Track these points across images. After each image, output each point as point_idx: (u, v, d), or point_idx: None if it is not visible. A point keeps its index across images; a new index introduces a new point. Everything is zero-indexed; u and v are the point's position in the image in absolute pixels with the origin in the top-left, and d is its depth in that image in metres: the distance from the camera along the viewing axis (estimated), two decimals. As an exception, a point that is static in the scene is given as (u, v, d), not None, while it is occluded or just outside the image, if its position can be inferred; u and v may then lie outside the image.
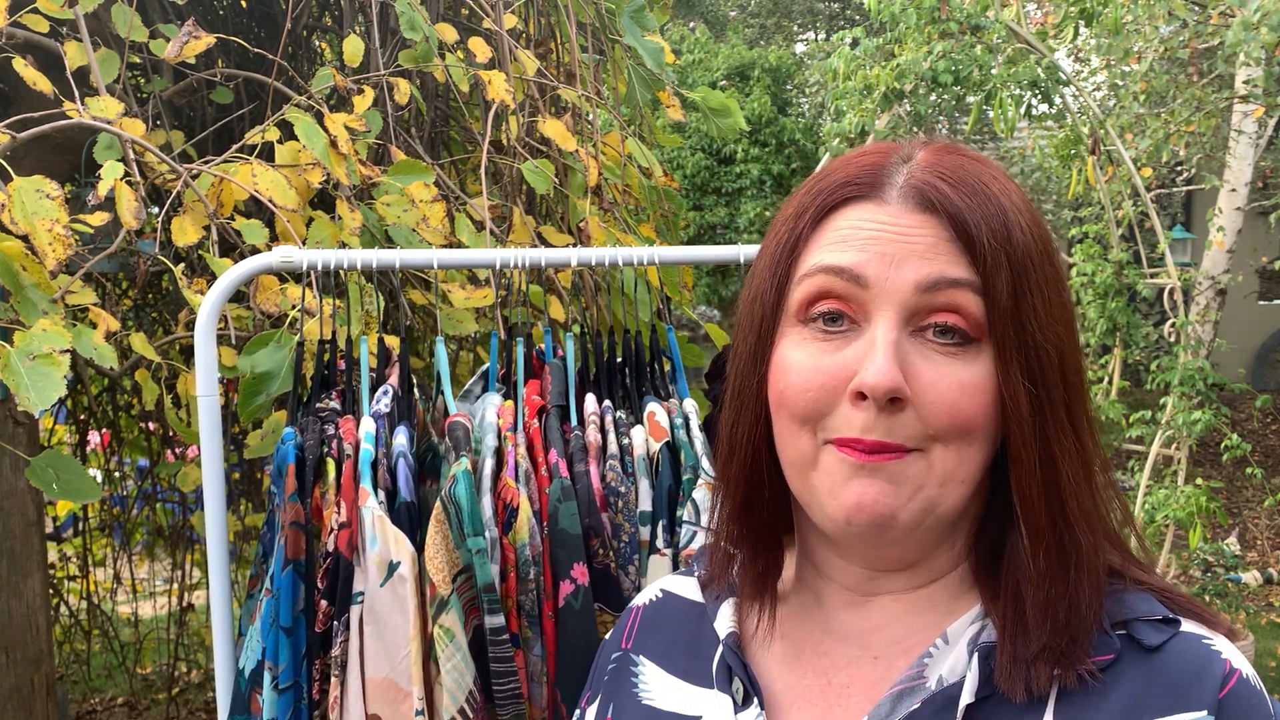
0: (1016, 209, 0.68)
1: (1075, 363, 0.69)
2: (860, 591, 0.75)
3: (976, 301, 0.66)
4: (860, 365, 0.66)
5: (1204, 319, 6.00)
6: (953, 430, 0.66)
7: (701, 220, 9.69)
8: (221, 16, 2.71)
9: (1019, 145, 8.07)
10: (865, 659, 0.73)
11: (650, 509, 1.37)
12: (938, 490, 0.67)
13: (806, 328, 0.69)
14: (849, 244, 0.68)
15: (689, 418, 1.45)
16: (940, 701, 0.67)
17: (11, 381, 1.45)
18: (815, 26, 15.51)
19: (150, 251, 2.02)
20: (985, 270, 0.66)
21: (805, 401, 0.68)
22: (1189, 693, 0.64)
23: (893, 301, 0.66)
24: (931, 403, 0.65)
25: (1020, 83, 3.94)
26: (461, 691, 1.26)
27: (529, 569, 1.31)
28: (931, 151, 0.71)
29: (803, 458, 0.70)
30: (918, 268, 0.66)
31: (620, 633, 0.88)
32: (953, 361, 0.66)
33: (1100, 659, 0.66)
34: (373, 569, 1.27)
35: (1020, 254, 0.67)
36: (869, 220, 0.68)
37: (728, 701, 0.75)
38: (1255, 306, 9.68)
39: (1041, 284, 0.67)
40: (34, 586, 2.59)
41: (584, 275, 2.01)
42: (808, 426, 0.69)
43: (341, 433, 1.37)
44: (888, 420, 0.66)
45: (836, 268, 0.67)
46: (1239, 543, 6.44)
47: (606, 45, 2.54)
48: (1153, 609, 0.68)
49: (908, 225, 0.67)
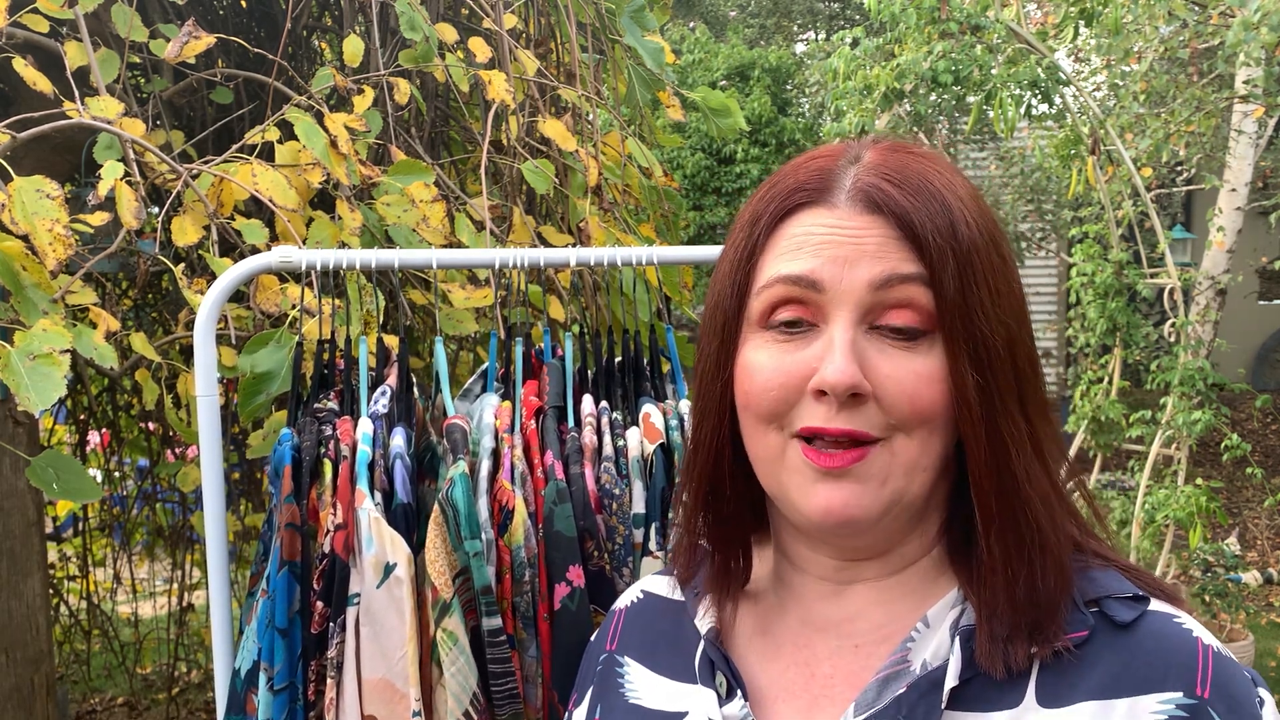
0: (961, 203, 0.70)
1: (1026, 351, 0.71)
2: (835, 581, 0.76)
3: (926, 294, 0.68)
4: (820, 364, 0.69)
5: (1204, 319, 6.00)
6: (914, 419, 0.68)
7: (701, 220, 9.70)
8: (221, 16, 2.71)
9: (1019, 145, 8.07)
10: (846, 648, 0.74)
11: (643, 511, 1.37)
12: (904, 480, 0.69)
13: (768, 331, 0.72)
14: (803, 250, 0.70)
15: (684, 419, 1.45)
16: (925, 685, 0.68)
17: (11, 381, 1.45)
18: (815, 26, 15.51)
19: (150, 251, 2.03)
20: (932, 264, 0.68)
21: (769, 400, 0.71)
22: (1166, 672, 0.66)
23: (848, 302, 0.69)
24: (892, 394, 0.68)
25: (1020, 83, 3.95)
26: (466, 694, 1.26)
27: (524, 571, 1.31)
28: (878, 151, 0.73)
29: (771, 455, 0.72)
30: (870, 267, 0.69)
31: (605, 635, 0.89)
32: (908, 354, 0.69)
33: (1075, 636, 0.68)
34: (369, 570, 1.27)
35: (965, 247, 0.69)
36: (820, 225, 0.71)
37: (711, 695, 0.76)
38: (1255, 306, 9.68)
39: (988, 275, 0.69)
40: (34, 586, 2.59)
41: (583, 275, 2.01)
42: (773, 424, 0.71)
43: (339, 434, 1.37)
44: (849, 414, 0.68)
45: (793, 277, 0.70)
46: (1239, 543, 6.44)
47: (606, 45, 2.54)
48: (1122, 586, 0.70)
49: (857, 227, 0.70)
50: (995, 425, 0.68)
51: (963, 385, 0.68)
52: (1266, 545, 6.79)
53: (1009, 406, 0.69)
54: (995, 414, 0.68)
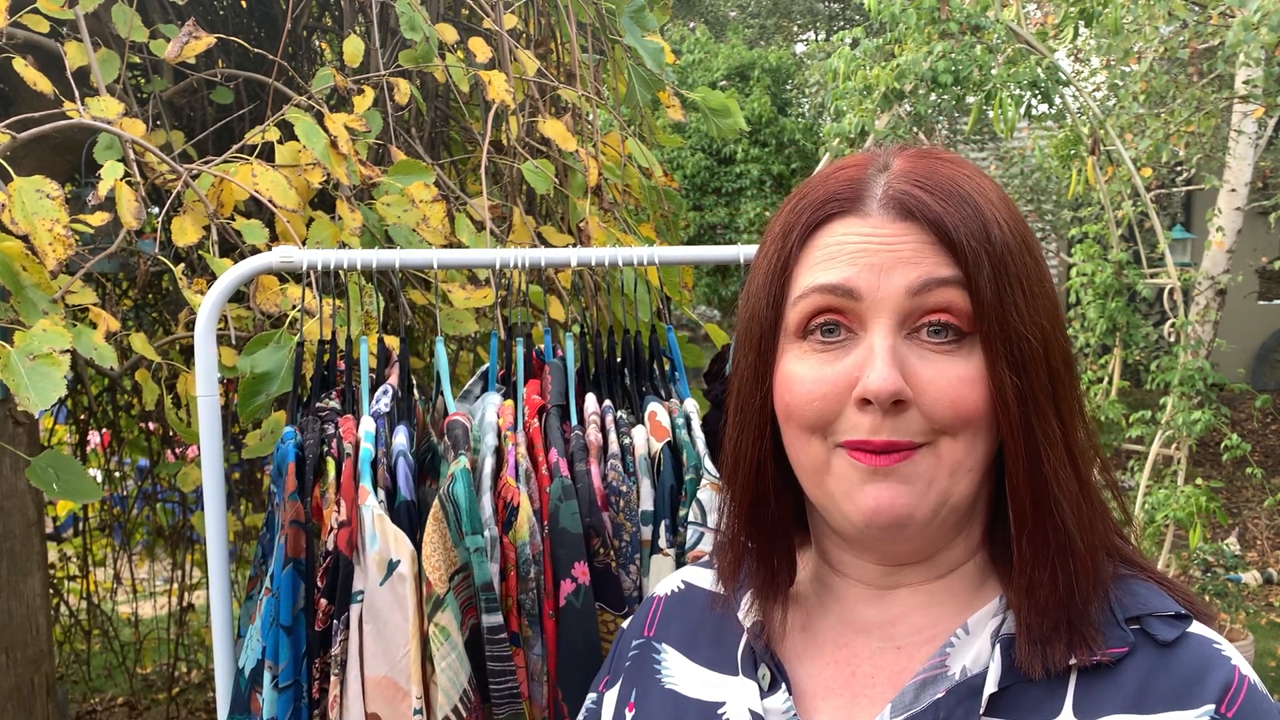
0: (993, 206, 0.71)
1: (1061, 352, 0.72)
2: (878, 586, 0.76)
3: (964, 297, 0.69)
4: (861, 372, 0.69)
5: (1204, 319, 6.00)
6: (957, 422, 0.69)
7: (701, 220, 9.69)
8: (221, 16, 2.71)
9: (1019, 145, 8.07)
10: (888, 650, 0.75)
11: (652, 509, 1.37)
12: (948, 481, 0.70)
13: (806, 341, 0.72)
14: (838, 260, 0.71)
15: (690, 417, 1.45)
16: (964, 691, 0.69)
17: (11, 381, 1.45)
18: (815, 26, 15.51)
19: (150, 251, 2.03)
20: (968, 267, 0.69)
21: (812, 411, 0.71)
22: (1195, 689, 0.67)
23: (886, 308, 0.69)
24: (934, 399, 0.68)
25: (1020, 83, 3.94)
26: (455, 690, 1.26)
27: (529, 568, 1.31)
28: (907, 159, 0.74)
29: (815, 464, 0.72)
30: (906, 273, 0.69)
31: (641, 621, 0.89)
32: (949, 358, 0.69)
33: (1115, 651, 0.68)
34: (372, 568, 1.28)
35: (999, 249, 0.69)
36: (854, 234, 0.71)
37: (753, 687, 0.76)
38: (1255, 306, 9.68)
39: (1022, 277, 0.70)
40: (34, 586, 2.59)
41: (584, 275, 2.01)
42: (817, 434, 0.72)
43: (341, 432, 1.37)
44: (893, 421, 0.68)
45: (829, 286, 0.71)
46: (1239, 543, 6.44)
47: (606, 45, 2.54)
48: (1165, 604, 0.71)
49: (891, 234, 0.70)
50: (1030, 427, 0.69)
51: (1001, 387, 0.68)
52: (1266, 545, 6.79)
53: (1044, 408, 0.69)
54: (1030, 416, 0.69)
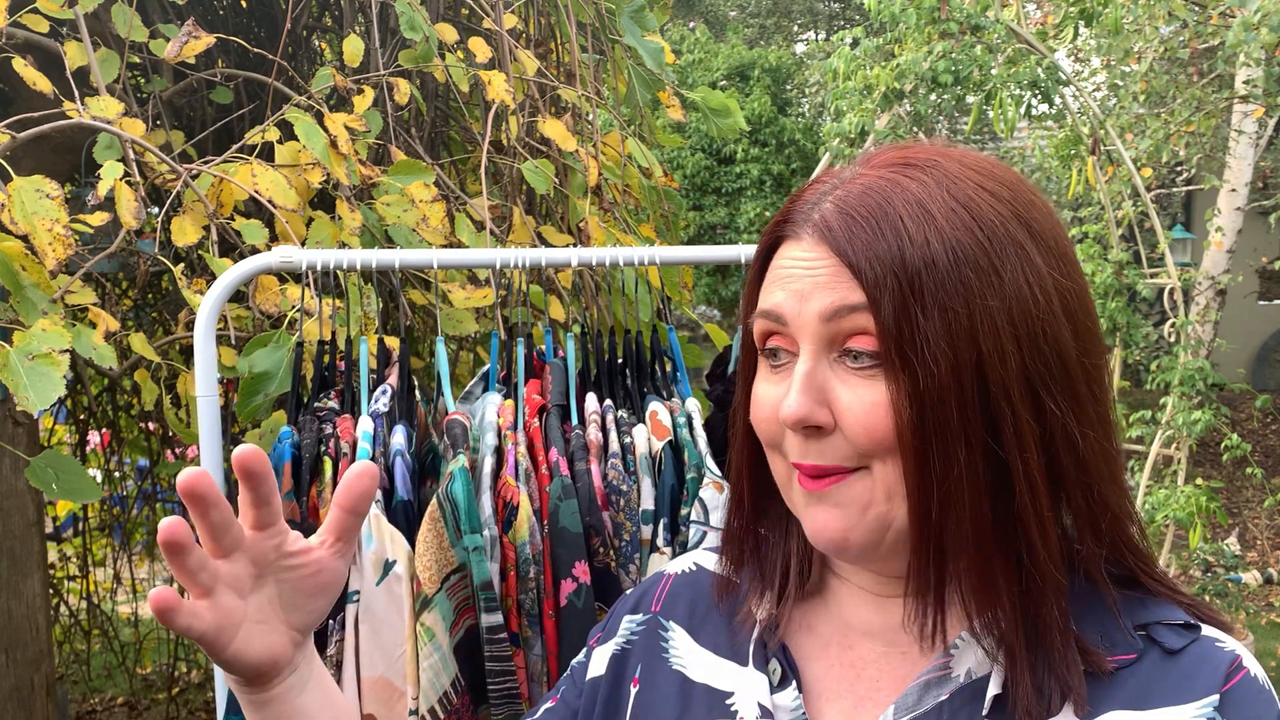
0: (928, 220, 0.67)
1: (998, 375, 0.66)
2: (878, 593, 0.76)
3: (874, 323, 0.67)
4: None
5: (1204, 319, 6.00)
6: (875, 448, 0.67)
7: (701, 220, 9.70)
8: (221, 16, 2.71)
9: (1019, 145, 8.07)
10: (893, 654, 0.75)
11: (652, 507, 1.37)
12: (886, 506, 0.68)
13: (765, 360, 0.74)
14: (774, 285, 0.73)
15: (692, 417, 1.45)
16: (969, 693, 0.69)
17: (11, 381, 1.45)
18: (815, 26, 15.51)
19: (150, 251, 2.03)
20: (869, 293, 0.67)
21: (766, 430, 0.73)
22: (1196, 682, 0.67)
23: (807, 334, 0.70)
24: (850, 425, 0.68)
25: (1020, 83, 3.94)
26: (435, 691, 1.26)
27: (529, 567, 1.31)
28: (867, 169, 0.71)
29: (781, 480, 0.75)
30: (820, 299, 0.69)
31: (649, 595, 0.88)
32: (867, 383, 0.68)
33: (1122, 658, 0.68)
34: (368, 568, 1.27)
35: (912, 271, 0.65)
36: (789, 258, 0.72)
37: (763, 680, 0.76)
38: (1255, 306, 9.68)
39: (945, 296, 0.65)
40: (34, 586, 2.59)
41: (584, 275, 2.01)
42: (775, 451, 0.74)
43: (339, 431, 1.37)
44: (818, 445, 0.69)
45: (765, 311, 0.72)
46: (1239, 543, 6.44)
47: (606, 45, 2.54)
48: (1175, 614, 0.71)
49: (814, 258, 0.70)
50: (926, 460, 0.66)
51: (900, 416, 0.66)
52: (1266, 545, 6.79)
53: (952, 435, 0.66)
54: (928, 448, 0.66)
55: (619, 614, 0.89)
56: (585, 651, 0.89)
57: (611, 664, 0.85)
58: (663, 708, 0.80)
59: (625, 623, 0.87)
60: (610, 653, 0.85)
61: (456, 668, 1.28)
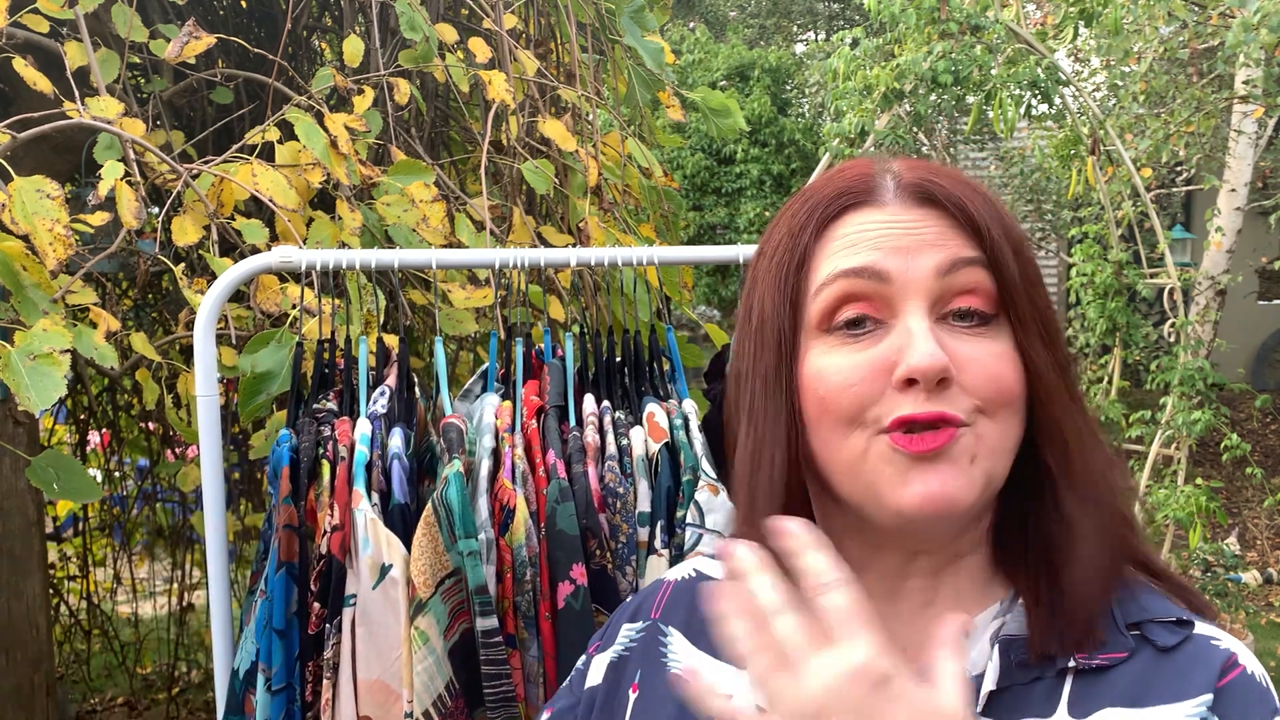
0: (998, 201, 0.74)
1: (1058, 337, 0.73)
2: (890, 578, 0.75)
3: (989, 278, 0.69)
4: (900, 355, 0.67)
5: (1204, 319, 6.00)
6: (999, 398, 0.68)
7: (701, 220, 9.69)
8: (221, 16, 2.71)
9: (1019, 145, 8.06)
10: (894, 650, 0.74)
11: (649, 510, 1.37)
12: (990, 461, 0.68)
13: (831, 335, 0.70)
14: (859, 247, 0.70)
15: (689, 418, 1.45)
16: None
17: (11, 381, 1.45)
18: (815, 27, 15.51)
19: (150, 251, 2.03)
20: (992, 247, 0.69)
21: (849, 398, 0.68)
22: (1191, 679, 0.67)
23: (917, 290, 0.68)
24: (975, 374, 0.68)
25: (1020, 83, 3.94)
26: (429, 694, 1.26)
27: (525, 570, 1.31)
28: (908, 162, 0.75)
29: (854, 457, 0.69)
30: (933, 255, 0.69)
31: (649, 603, 0.88)
32: (981, 339, 0.69)
33: (1114, 656, 0.68)
34: (365, 571, 1.28)
35: (1015, 235, 0.71)
36: (873, 222, 0.70)
37: None
38: (1255, 306, 9.68)
39: (1032, 263, 0.72)
40: (34, 586, 2.59)
41: (583, 275, 2.01)
42: (855, 425, 0.69)
43: (337, 434, 1.37)
44: (938, 398, 0.67)
45: (855, 269, 0.69)
46: (1239, 543, 6.44)
47: (606, 45, 2.54)
48: (1167, 609, 0.70)
49: (911, 219, 0.70)
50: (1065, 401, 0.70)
51: (1036, 361, 0.69)
52: (1266, 545, 6.79)
53: (1072, 386, 0.71)
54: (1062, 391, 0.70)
55: (617, 622, 0.89)
56: (584, 660, 0.88)
57: (609, 671, 0.85)
58: (661, 711, 0.79)
59: (624, 631, 0.87)
60: (608, 660, 0.85)
61: (451, 671, 1.28)
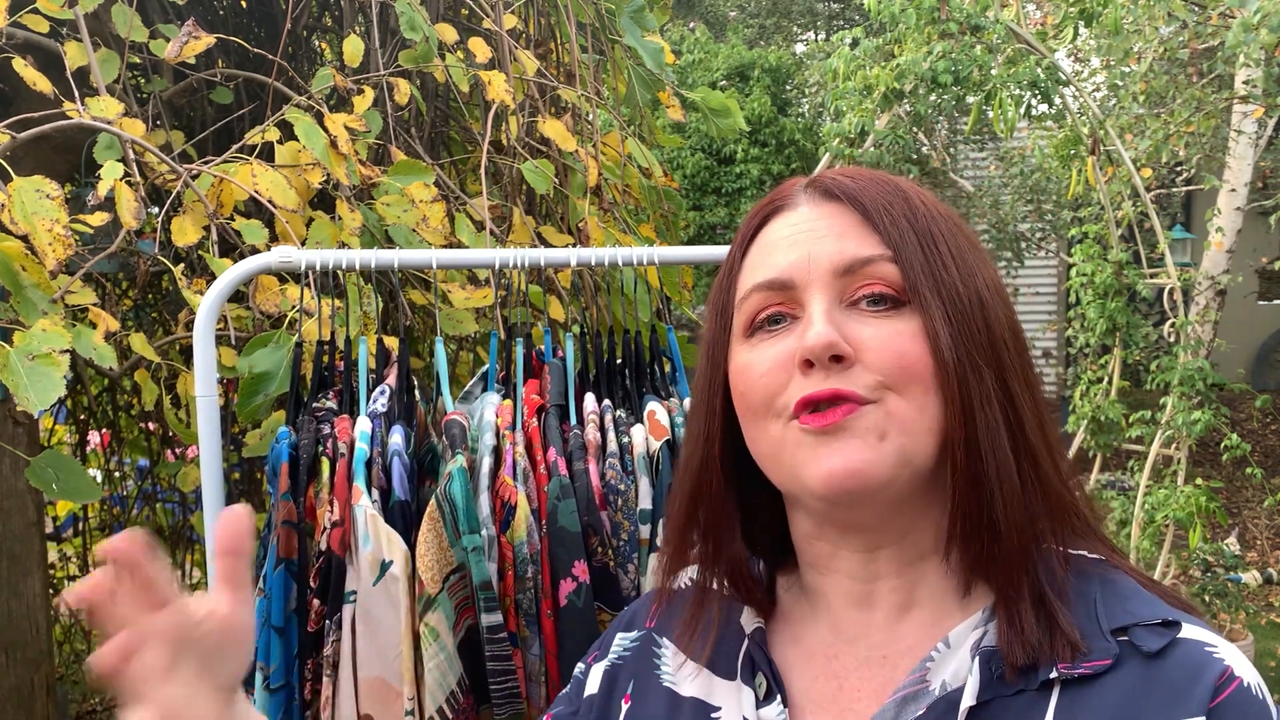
0: (917, 193, 0.75)
1: (1008, 321, 0.73)
2: (860, 578, 0.75)
3: (894, 270, 0.71)
4: (801, 340, 0.70)
5: (1204, 319, 5.99)
6: (902, 375, 0.69)
7: (701, 220, 9.69)
8: (221, 16, 2.71)
9: (1019, 145, 8.06)
10: (874, 660, 0.75)
11: (650, 507, 1.37)
12: (904, 438, 0.69)
13: (755, 336, 0.75)
14: (772, 254, 0.74)
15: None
16: (943, 706, 0.68)
17: (11, 382, 1.45)
18: (815, 27, 15.51)
19: (150, 251, 2.03)
20: (892, 241, 0.71)
21: (760, 387, 0.72)
22: (1185, 698, 0.64)
23: (819, 286, 0.71)
24: (876, 352, 0.69)
25: (1020, 83, 3.94)
26: (443, 691, 1.26)
27: (527, 567, 1.31)
28: (835, 170, 0.78)
29: (773, 445, 0.73)
30: (831, 254, 0.72)
31: (643, 612, 0.89)
32: (889, 320, 0.71)
33: (1099, 664, 0.66)
34: (365, 568, 1.27)
35: (923, 221, 0.72)
36: (786, 225, 0.75)
37: (750, 695, 0.76)
38: (1255, 306, 9.68)
39: (953, 249, 0.72)
40: (34, 586, 2.59)
41: (583, 275, 2.01)
42: (770, 414, 0.72)
43: (337, 431, 1.37)
44: (837, 376, 0.69)
45: (765, 283, 0.73)
46: (1239, 543, 6.44)
47: (606, 45, 2.54)
48: (1154, 610, 0.68)
49: (817, 216, 0.74)
50: (966, 381, 0.69)
51: (936, 340, 0.69)
52: (1266, 545, 6.79)
53: (980, 367, 0.69)
54: (966, 370, 0.69)
55: (613, 631, 0.90)
56: (583, 668, 0.89)
57: (604, 681, 0.85)
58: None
59: (618, 640, 0.88)
60: (603, 669, 0.86)
61: (462, 667, 1.28)
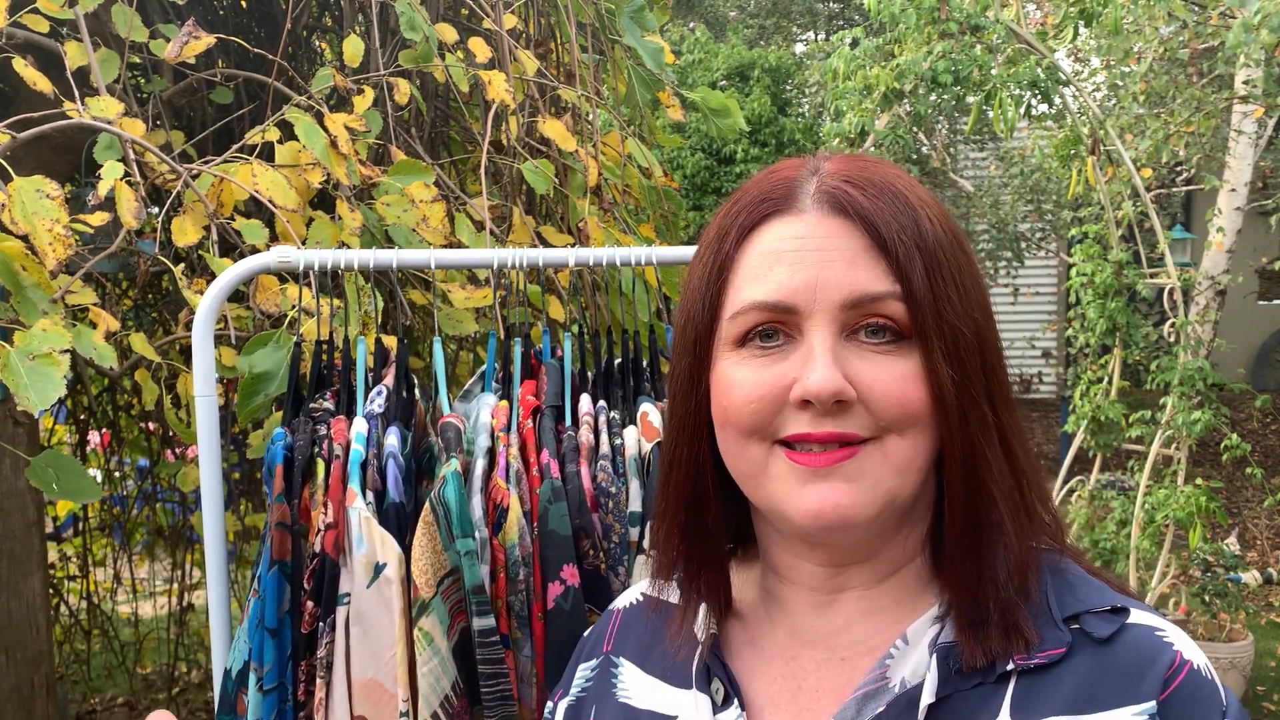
0: (923, 203, 0.71)
1: (992, 343, 0.72)
2: (823, 591, 0.76)
3: (901, 308, 0.69)
4: (801, 373, 0.68)
5: (1204, 319, 5.99)
6: (905, 419, 0.68)
7: (701, 220, 9.68)
8: (221, 16, 2.72)
9: (1019, 145, 8.06)
10: (833, 661, 0.74)
11: (640, 510, 1.37)
12: (897, 481, 0.69)
13: (745, 348, 0.72)
14: (774, 267, 0.70)
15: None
16: (903, 703, 0.69)
17: (11, 381, 1.45)
18: (815, 27, 15.50)
19: (150, 251, 2.03)
20: (902, 273, 0.68)
21: (749, 414, 0.70)
22: (1138, 684, 0.66)
23: (824, 317, 0.69)
24: (880, 397, 0.68)
25: (1020, 83, 3.94)
26: (436, 695, 1.26)
27: (519, 570, 1.31)
28: (837, 160, 0.74)
29: (753, 468, 0.71)
30: (841, 285, 0.69)
31: (601, 636, 0.89)
32: (890, 358, 0.69)
33: (1052, 652, 0.68)
34: (359, 570, 1.27)
35: (931, 245, 0.69)
36: (789, 235, 0.71)
37: (706, 701, 0.76)
38: (1255, 306, 9.67)
39: (955, 272, 0.70)
40: (34, 586, 2.59)
41: (583, 275, 2.01)
42: (755, 437, 0.71)
43: (333, 433, 1.37)
44: (835, 419, 0.68)
45: (768, 304, 0.70)
46: (1239, 543, 6.44)
47: (606, 45, 2.55)
48: (1102, 599, 0.70)
49: (825, 234, 0.70)
50: (967, 421, 0.68)
51: (939, 383, 0.68)
52: (1266, 545, 6.79)
53: (978, 401, 0.69)
54: (966, 409, 0.68)
55: (575, 665, 0.89)
56: (551, 708, 0.89)
57: (568, 716, 0.85)
58: None
59: (580, 673, 0.88)
60: (567, 706, 0.86)
61: (456, 671, 1.28)
